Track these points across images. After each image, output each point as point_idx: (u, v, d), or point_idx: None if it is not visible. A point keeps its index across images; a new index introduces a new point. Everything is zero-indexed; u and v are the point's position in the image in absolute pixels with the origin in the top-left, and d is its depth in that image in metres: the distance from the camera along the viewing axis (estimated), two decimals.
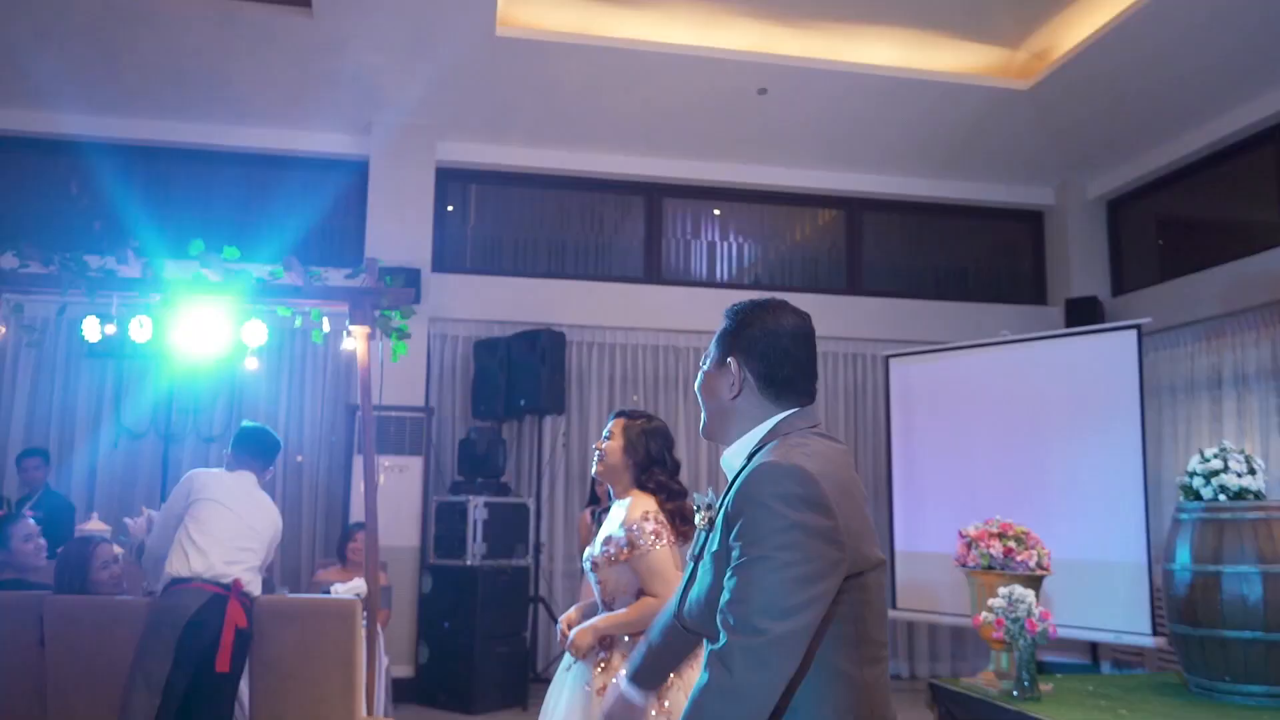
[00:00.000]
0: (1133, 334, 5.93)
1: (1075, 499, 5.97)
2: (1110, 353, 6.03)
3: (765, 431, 1.71)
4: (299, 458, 7.12)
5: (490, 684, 6.43)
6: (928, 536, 6.72)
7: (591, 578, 2.96)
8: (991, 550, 4.17)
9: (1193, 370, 7.26)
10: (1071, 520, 5.90)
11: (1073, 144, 7.88)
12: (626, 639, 2.81)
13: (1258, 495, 4.13)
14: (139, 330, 4.69)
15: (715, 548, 1.66)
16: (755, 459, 1.64)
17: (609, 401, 7.74)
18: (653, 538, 2.80)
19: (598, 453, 3.01)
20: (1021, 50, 7.18)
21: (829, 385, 8.06)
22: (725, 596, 1.53)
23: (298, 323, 5.14)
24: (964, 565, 4.29)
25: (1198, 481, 4.20)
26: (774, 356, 1.72)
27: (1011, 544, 4.17)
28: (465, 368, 7.55)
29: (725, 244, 8.39)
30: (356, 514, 6.55)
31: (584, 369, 7.74)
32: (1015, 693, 4.04)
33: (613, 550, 2.85)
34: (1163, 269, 7.89)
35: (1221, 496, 4.12)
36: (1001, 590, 3.97)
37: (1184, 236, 8.02)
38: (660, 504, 2.93)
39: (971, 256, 8.73)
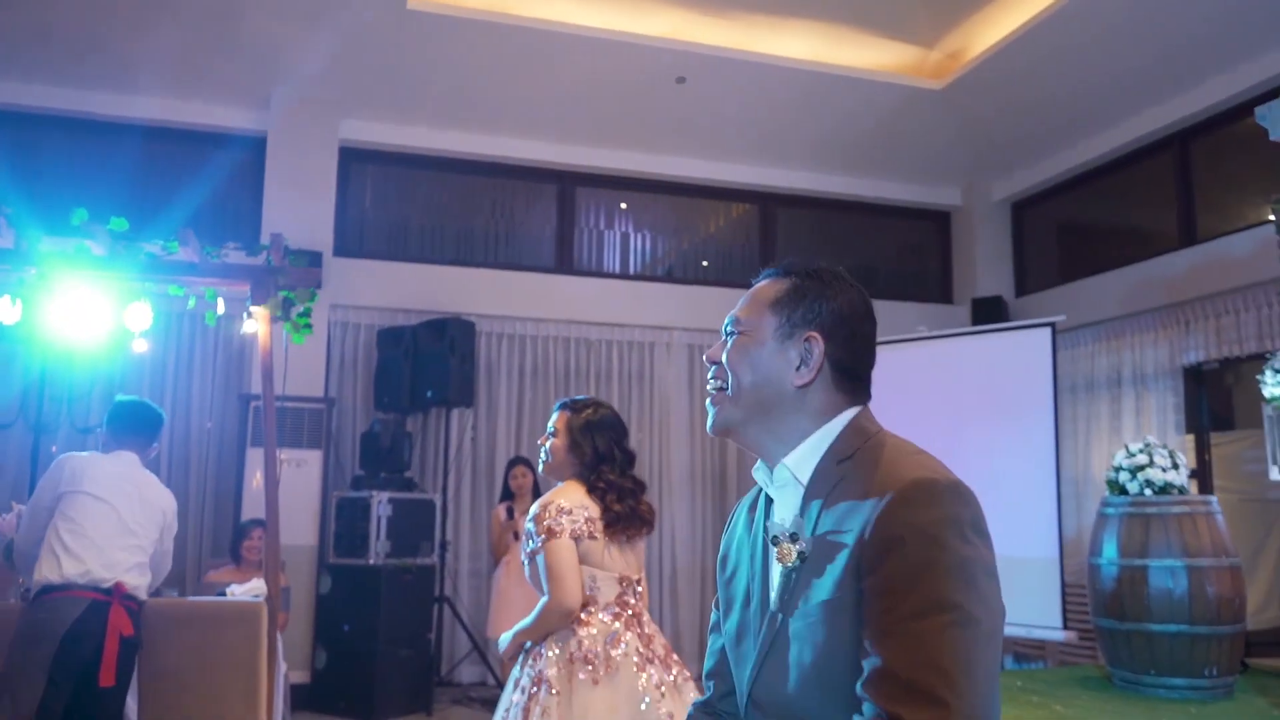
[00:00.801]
0: (1047, 332, 6.01)
1: (989, 494, 5.95)
2: (1024, 350, 6.10)
3: (841, 429, 1.32)
4: (209, 424, 6.67)
5: (393, 689, 6.12)
6: None
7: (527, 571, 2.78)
8: None
9: (1093, 370, 7.44)
10: (986, 515, 5.93)
11: (981, 145, 7.99)
12: (535, 649, 2.67)
13: (1181, 490, 4.18)
14: (8, 310, 4.25)
15: (827, 595, 1.20)
16: (870, 473, 1.24)
17: (519, 394, 7.49)
18: (544, 535, 2.65)
19: (543, 450, 2.82)
20: (936, 50, 7.22)
21: None
22: (877, 662, 1.12)
23: (191, 304, 4.77)
24: None
25: (1124, 476, 4.24)
26: (859, 341, 1.36)
27: None
28: (368, 357, 7.20)
29: (638, 235, 8.24)
30: (250, 510, 6.15)
31: (493, 360, 7.47)
32: None
33: (525, 543, 2.72)
34: (1064, 271, 8.07)
35: (1147, 491, 4.16)
36: None
37: (1085, 239, 8.23)
38: (610, 502, 2.75)
39: (881, 255, 8.80)
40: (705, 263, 8.37)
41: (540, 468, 2.87)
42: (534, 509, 2.71)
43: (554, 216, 7.94)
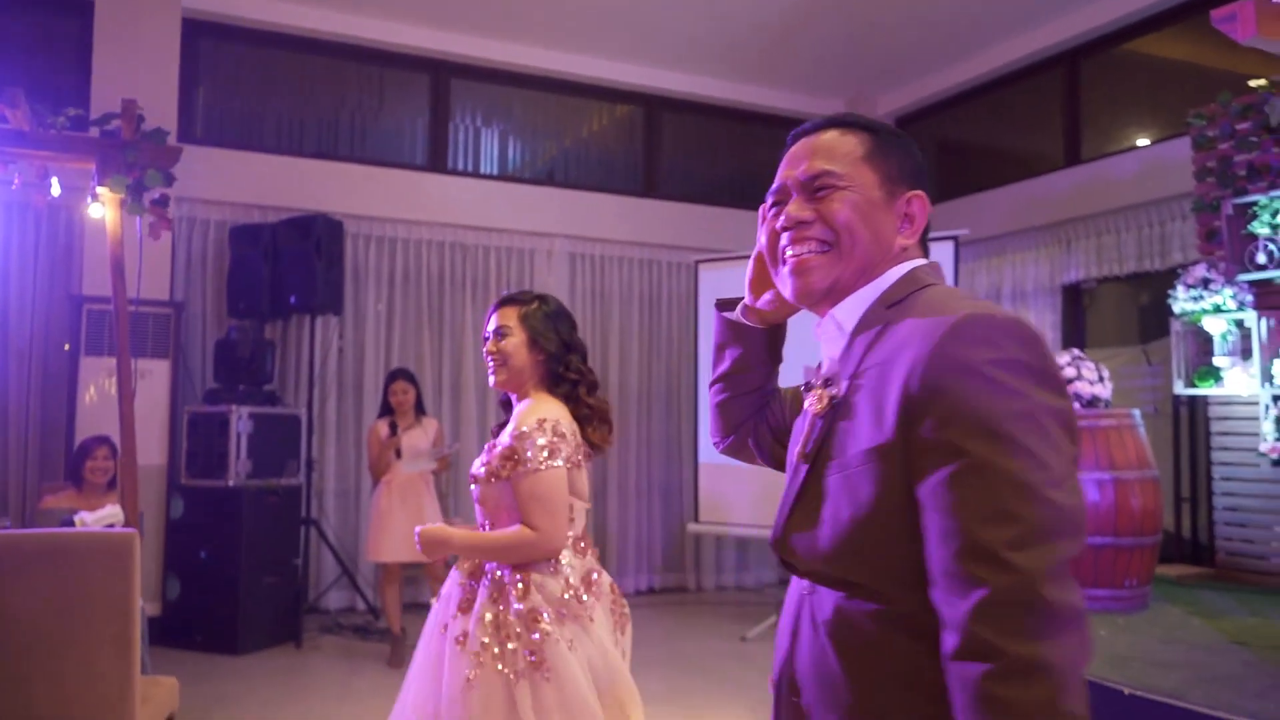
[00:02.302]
0: (950, 245, 5.94)
1: None
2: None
3: (897, 278, 1.22)
4: (33, 328, 5.80)
5: (257, 619, 5.62)
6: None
7: (473, 493, 2.38)
8: None
9: (974, 286, 7.51)
10: None
11: (868, 57, 7.80)
12: (500, 574, 2.26)
13: (1107, 404, 4.17)
14: None
15: (869, 444, 1.10)
16: (920, 313, 1.12)
17: (389, 302, 6.93)
18: (545, 454, 2.24)
19: (492, 358, 2.39)
20: None
21: (623, 291, 7.67)
22: (950, 521, 1.00)
23: (13, 184, 4.03)
24: None
25: None
26: (929, 200, 1.27)
27: None
28: (219, 257, 6.46)
29: (518, 135, 7.70)
30: (85, 427, 5.43)
31: (360, 264, 6.86)
32: None
33: (495, 462, 2.28)
34: (948, 188, 8.08)
35: (1076, 404, 4.12)
36: None
37: (970, 157, 8.25)
38: (575, 409, 2.38)
39: (764, 165, 8.56)
40: (587, 165, 7.93)
41: (492, 379, 2.43)
42: (525, 424, 2.28)
43: (427, 110, 7.30)
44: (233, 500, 5.60)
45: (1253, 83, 4.59)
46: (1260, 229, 4.34)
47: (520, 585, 2.21)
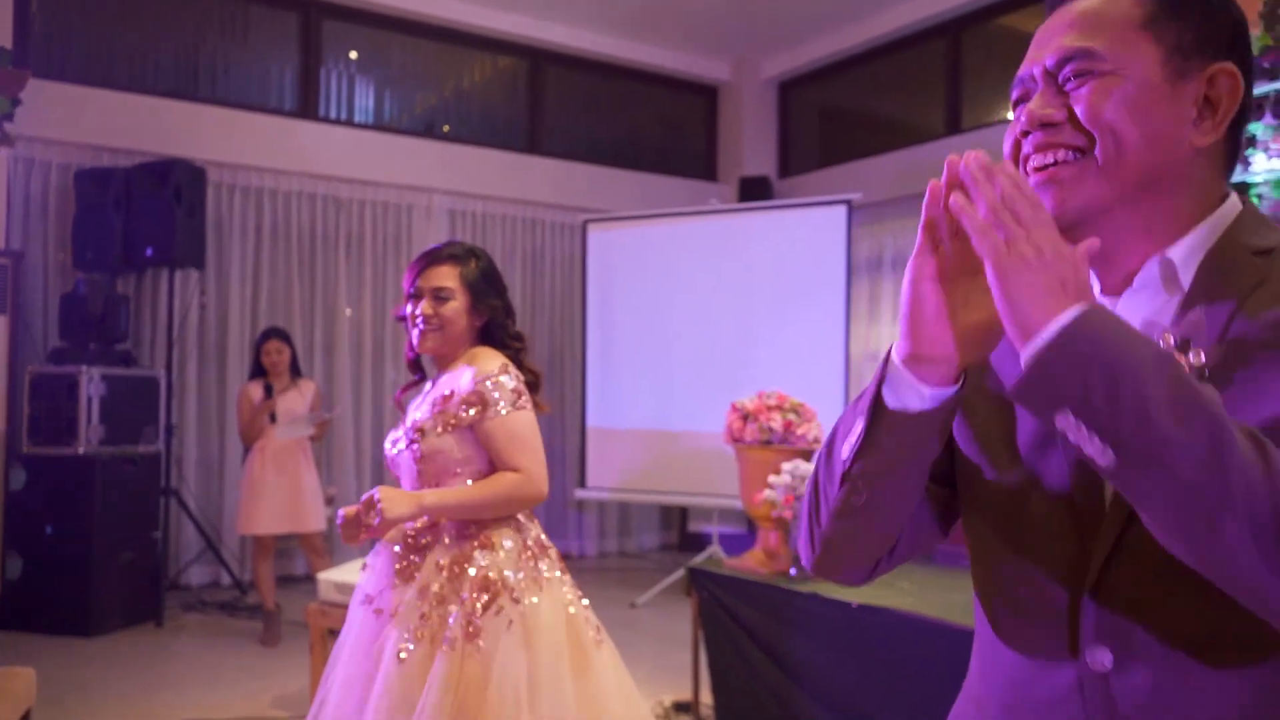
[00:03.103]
0: (843, 209, 5.96)
1: (778, 374, 5.93)
2: (818, 227, 6.02)
3: (1238, 214, 0.91)
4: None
5: (113, 598, 5.18)
6: (621, 412, 6.43)
7: (404, 456, 2.14)
8: (772, 424, 3.89)
9: (855, 253, 7.57)
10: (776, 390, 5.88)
11: (753, 19, 7.74)
12: (448, 538, 2.07)
13: None
14: None
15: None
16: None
17: (255, 256, 6.47)
18: (514, 396, 2.10)
19: (426, 321, 2.15)
20: None
21: (506, 251, 7.41)
22: None
23: None
24: (738, 441, 3.98)
25: None
26: (1251, 76, 0.92)
27: (792, 417, 3.91)
28: (63, 203, 5.87)
29: (395, 83, 7.30)
30: None
31: (224, 215, 6.37)
32: (794, 572, 3.83)
33: (454, 409, 2.07)
34: (829, 154, 8.13)
35: None
36: (786, 466, 3.71)
37: (852, 123, 8.31)
38: (525, 361, 2.21)
39: (647, 126, 8.43)
40: (469, 119, 7.60)
41: (421, 343, 2.19)
42: (486, 370, 2.11)
43: (296, 52, 6.81)
44: (84, 469, 5.12)
45: None
46: None
47: (476, 545, 2.04)
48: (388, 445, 2.26)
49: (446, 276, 2.18)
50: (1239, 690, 0.81)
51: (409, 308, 2.21)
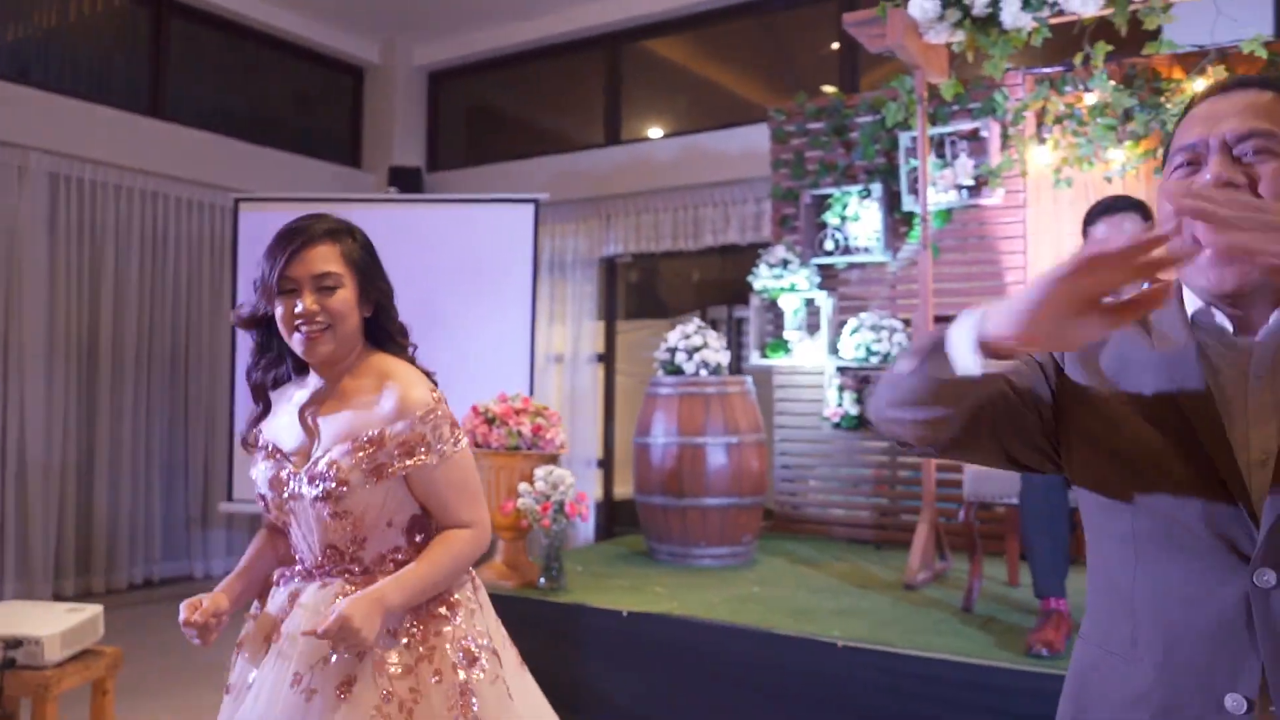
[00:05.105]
0: (530, 207, 5.85)
1: (465, 373, 5.68)
2: (504, 225, 5.85)
3: None
4: None
5: None
6: None
7: (309, 508, 1.65)
8: (521, 429, 3.67)
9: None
10: (460, 394, 5.62)
11: (410, 2, 7.38)
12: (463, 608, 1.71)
13: (726, 371, 4.39)
14: None
15: None
16: None
17: None
18: (453, 431, 1.70)
19: (310, 323, 1.66)
20: None
21: (121, 227, 6.32)
22: None
23: None
24: (482, 446, 3.71)
25: (680, 356, 4.30)
26: None
27: (540, 421, 3.72)
28: None
29: None
30: None
31: None
32: (542, 582, 3.67)
33: (388, 456, 1.62)
34: (481, 152, 7.97)
35: (703, 371, 4.28)
36: (539, 472, 3.54)
37: (510, 124, 8.19)
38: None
39: (289, 102, 7.68)
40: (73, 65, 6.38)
41: (311, 350, 1.68)
42: (414, 401, 1.66)
43: None
44: None
45: (826, 88, 5.17)
46: (831, 219, 4.92)
47: (444, 609, 1.66)
48: (266, 485, 1.73)
49: (328, 259, 1.68)
50: None
51: (276, 308, 1.68)
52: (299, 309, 1.65)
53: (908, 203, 4.72)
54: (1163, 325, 1.14)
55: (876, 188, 4.84)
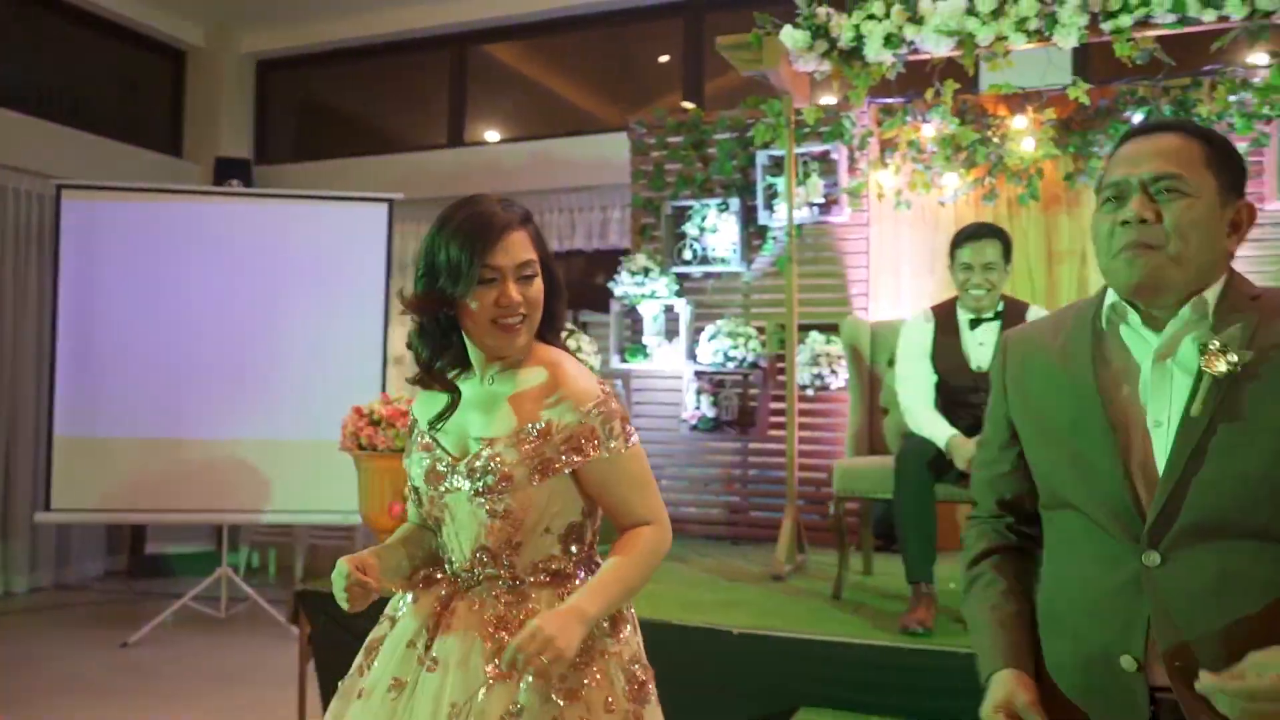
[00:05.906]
0: (384, 207, 5.76)
1: (314, 374, 5.52)
2: (355, 223, 5.73)
3: (1225, 277, 1.37)
4: None
5: None
6: (107, 419, 5.40)
7: (468, 508, 1.59)
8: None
9: None
10: (304, 397, 5.46)
11: None
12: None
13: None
14: None
15: None
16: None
17: None
18: (624, 424, 1.61)
19: (511, 315, 1.57)
20: None
21: None
22: None
23: None
24: (368, 448, 3.65)
25: None
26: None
27: None
28: None
29: None
30: None
31: None
32: None
33: (555, 451, 1.56)
34: (313, 148, 7.72)
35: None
36: None
37: (342, 120, 7.95)
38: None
39: (103, 84, 7.16)
40: None
41: (513, 343, 1.60)
42: (586, 394, 1.59)
43: None
44: None
45: (685, 104, 5.38)
46: (690, 230, 5.13)
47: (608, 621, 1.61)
48: (421, 478, 1.65)
49: (527, 246, 1.59)
50: None
51: (470, 299, 1.55)
52: (504, 300, 1.55)
53: (763, 217, 5.01)
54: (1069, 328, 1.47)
55: (734, 202, 5.09)
